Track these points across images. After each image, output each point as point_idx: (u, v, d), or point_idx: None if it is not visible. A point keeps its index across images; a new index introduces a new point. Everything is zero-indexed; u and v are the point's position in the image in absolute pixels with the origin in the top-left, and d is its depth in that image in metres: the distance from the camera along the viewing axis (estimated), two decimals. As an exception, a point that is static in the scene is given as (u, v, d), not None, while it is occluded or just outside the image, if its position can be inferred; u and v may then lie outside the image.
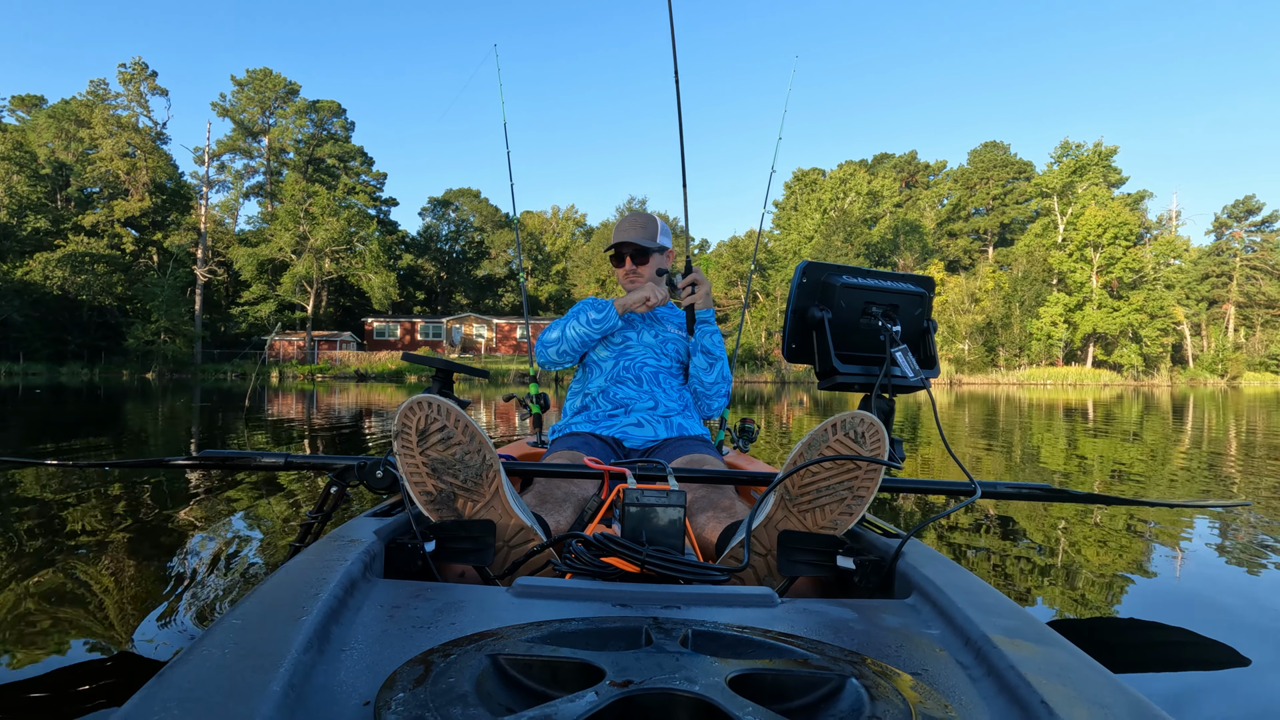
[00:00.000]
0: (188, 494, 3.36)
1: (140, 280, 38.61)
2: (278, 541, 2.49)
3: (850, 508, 1.12)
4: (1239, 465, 5.26)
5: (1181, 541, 2.74)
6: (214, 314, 44.95)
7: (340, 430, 7.63)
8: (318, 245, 41.02)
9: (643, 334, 2.10)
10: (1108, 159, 52.49)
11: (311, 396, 15.26)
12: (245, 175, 50.48)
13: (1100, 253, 48.27)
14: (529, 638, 0.69)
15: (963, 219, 61.51)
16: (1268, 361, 54.39)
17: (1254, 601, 1.99)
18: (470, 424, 1.12)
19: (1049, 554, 2.55)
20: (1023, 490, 1.54)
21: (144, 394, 15.05)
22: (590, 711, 0.52)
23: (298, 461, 1.52)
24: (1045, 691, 0.60)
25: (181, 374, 34.81)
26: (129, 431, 6.66)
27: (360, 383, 29.18)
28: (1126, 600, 2.04)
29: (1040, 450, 6.30)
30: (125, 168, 40.96)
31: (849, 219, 49.07)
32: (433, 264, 55.22)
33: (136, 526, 2.69)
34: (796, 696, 0.60)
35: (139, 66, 42.67)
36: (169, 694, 0.56)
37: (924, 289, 1.48)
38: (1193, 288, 55.35)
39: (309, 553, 0.95)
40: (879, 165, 63.30)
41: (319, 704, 0.59)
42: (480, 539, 1.12)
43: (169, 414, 9.30)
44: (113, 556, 2.28)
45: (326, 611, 0.73)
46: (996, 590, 0.91)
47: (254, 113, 48.44)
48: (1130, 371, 48.84)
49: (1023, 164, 60.24)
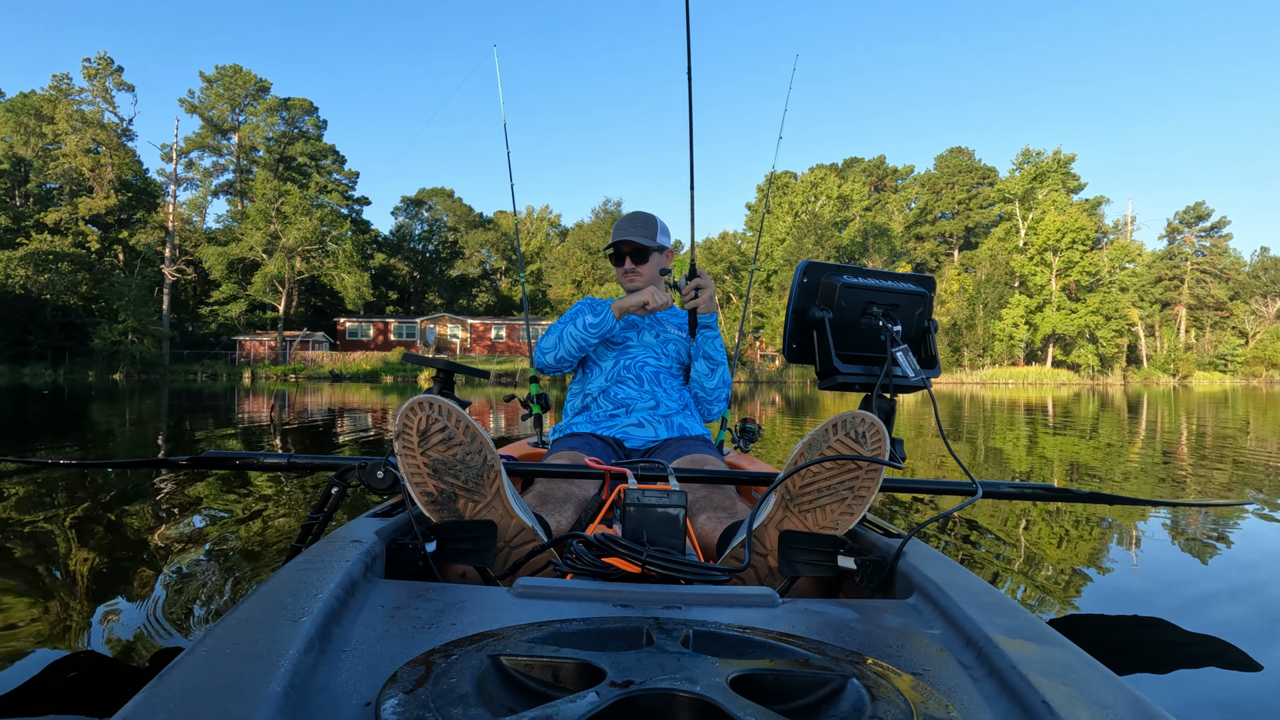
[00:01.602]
0: (187, 495, 3.33)
1: (106, 279, 37.84)
2: (278, 542, 2.49)
3: (851, 508, 1.12)
4: (1192, 462, 5.47)
5: (1183, 541, 2.73)
6: (182, 314, 44.25)
7: (337, 432, 7.72)
8: (290, 245, 40.65)
9: (643, 334, 2.09)
10: (1066, 166, 54.33)
11: (284, 397, 15.10)
12: (214, 173, 49.72)
13: (1059, 256, 50.06)
14: (530, 638, 0.69)
15: (929, 222, 63.04)
16: (1216, 361, 56.84)
17: (1258, 601, 1.99)
18: (471, 424, 1.12)
19: (1050, 553, 2.55)
20: (1025, 490, 1.54)
21: (112, 395, 14.73)
22: (591, 712, 0.52)
23: (300, 462, 1.53)
24: (1047, 691, 0.60)
25: (150, 375, 34.26)
26: (98, 434, 6.45)
27: (336, 383, 28.98)
28: (1127, 600, 2.04)
29: (1004, 449, 6.48)
30: (89, 164, 40.13)
31: (820, 222, 50.03)
32: (405, 263, 54.87)
33: (134, 528, 2.67)
34: (798, 697, 0.60)
35: (104, 61, 41.78)
36: (170, 695, 0.56)
37: (925, 289, 1.47)
38: (1146, 290, 57.33)
39: (310, 553, 0.96)
40: (849, 169, 64.52)
41: (320, 705, 0.59)
42: (481, 539, 1.12)
43: (136, 416, 9.04)
44: (111, 559, 2.27)
45: (327, 612, 0.74)
46: (997, 590, 0.92)
47: (223, 110, 47.74)
48: (1087, 371, 50.70)
49: (987, 169, 61.91)
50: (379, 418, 9.64)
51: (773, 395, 21.00)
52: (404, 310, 53.71)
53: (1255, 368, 55.01)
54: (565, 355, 2.00)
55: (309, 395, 16.37)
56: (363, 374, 35.82)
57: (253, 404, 12.28)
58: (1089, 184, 56.41)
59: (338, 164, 51.52)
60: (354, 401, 13.67)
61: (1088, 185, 58.34)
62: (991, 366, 49.37)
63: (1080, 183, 55.27)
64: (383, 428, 7.97)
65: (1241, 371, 55.68)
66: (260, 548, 2.43)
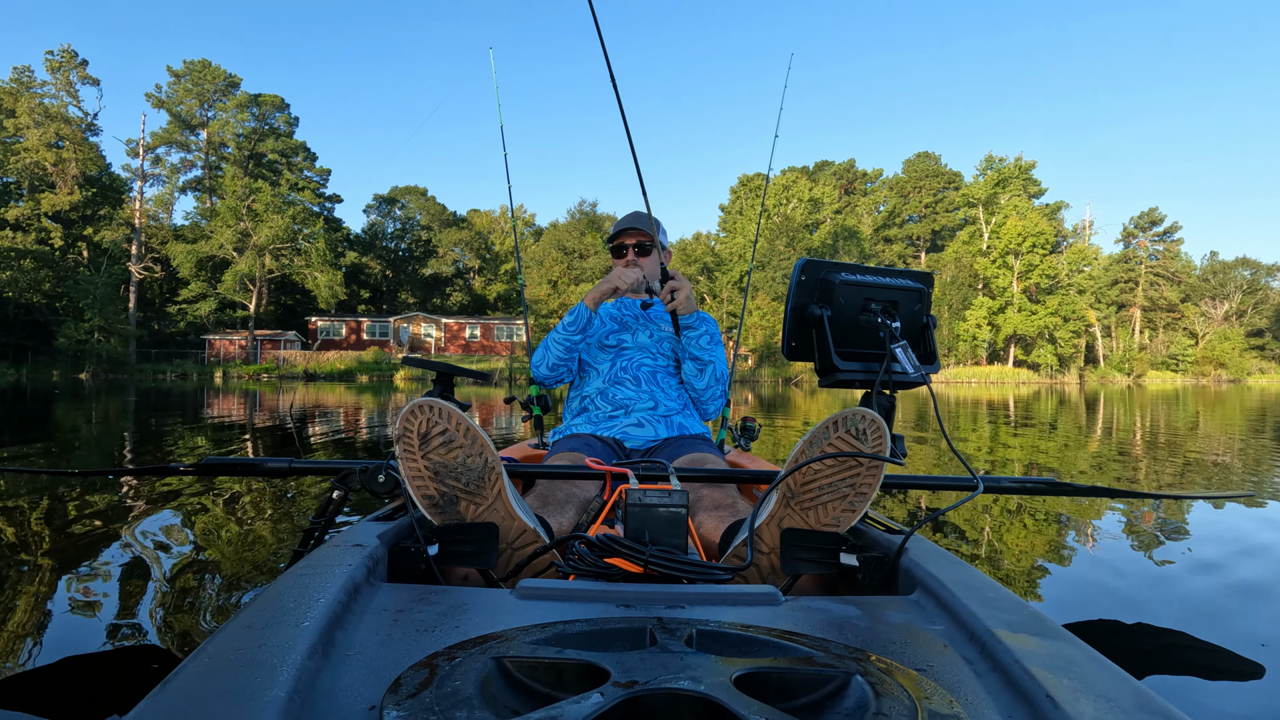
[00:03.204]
0: (189, 501, 3.31)
1: (71, 277, 37.07)
2: (280, 547, 2.48)
3: (853, 505, 1.12)
4: (1146, 454, 5.77)
5: (1183, 536, 2.73)
6: (148, 312, 43.47)
7: (335, 434, 7.77)
8: (261, 243, 40.22)
9: (638, 335, 2.09)
10: (1027, 172, 56.15)
11: (255, 397, 14.90)
12: (182, 169, 48.84)
13: (1020, 260, 51.77)
14: (533, 639, 0.69)
15: (897, 225, 64.52)
16: (1168, 361, 59.19)
17: (1260, 603, 1.99)
18: (472, 427, 1.12)
19: (1052, 548, 2.54)
20: (1026, 485, 1.53)
21: (78, 395, 14.43)
22: (596, 713, 0.52)
23: (302, 467, 1.53)
24: (1051, 685, 0.60)
25: (117, 374, 33.70)
26: (61, 437, 6.23)
27: (310, 382, 28.84)
28: (1128, 593, 2.04)
29: (969, 442, 6.67)
30: (52, 159, 39.22)
31: (791, 224, 50.93)
32: (378, 262, 54.44)
33: (136, 535, 2.65)
34: (802, 694, 0.60)
35: (68, 54, 40.85)
36: (174, 701, 0.56)
37: (923, 285, 1.45)
38: (1103, 293, 59.15)
39: (312, 558, 0.96)
40: (820, 172, 65.64)
41: (324, 709, 0.59)
42: (483, 541, 1.12)
43: (104, 417, 8.75)
44: (111, 565, 2.25)
45: (330, 616, 0.74)
46: (1000, 585, 0.91)
47: (191, 105, 46.92)
48: (1046, 370, 52.48)
49: (952, 174, 63.50)
50: (371, 416, 9.69)
51: (745, 394, 21.48)
52: (376, 309, 53.35)
53: (1204, 367, 57.51)
54: (556, 361, 2.03)
55: (284, 394, 16.32)
56: (338, 373, 35.67)
57: (232, 404, 12.04)
58: (1050, 189, 58.34)
59: (309, 161, 50.97)
60: (335, 401, 13.69)
61: (1048, 190, 60.41)
62: (955, 366, 50.85)
63: (1041, 188, 57.19)
64: (379, 427, 8.19)
65: (1192, 371, 58.08)
66: (263, 553, 2.42)
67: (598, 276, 46.47)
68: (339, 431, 7.58)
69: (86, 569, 2.22)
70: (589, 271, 47.19)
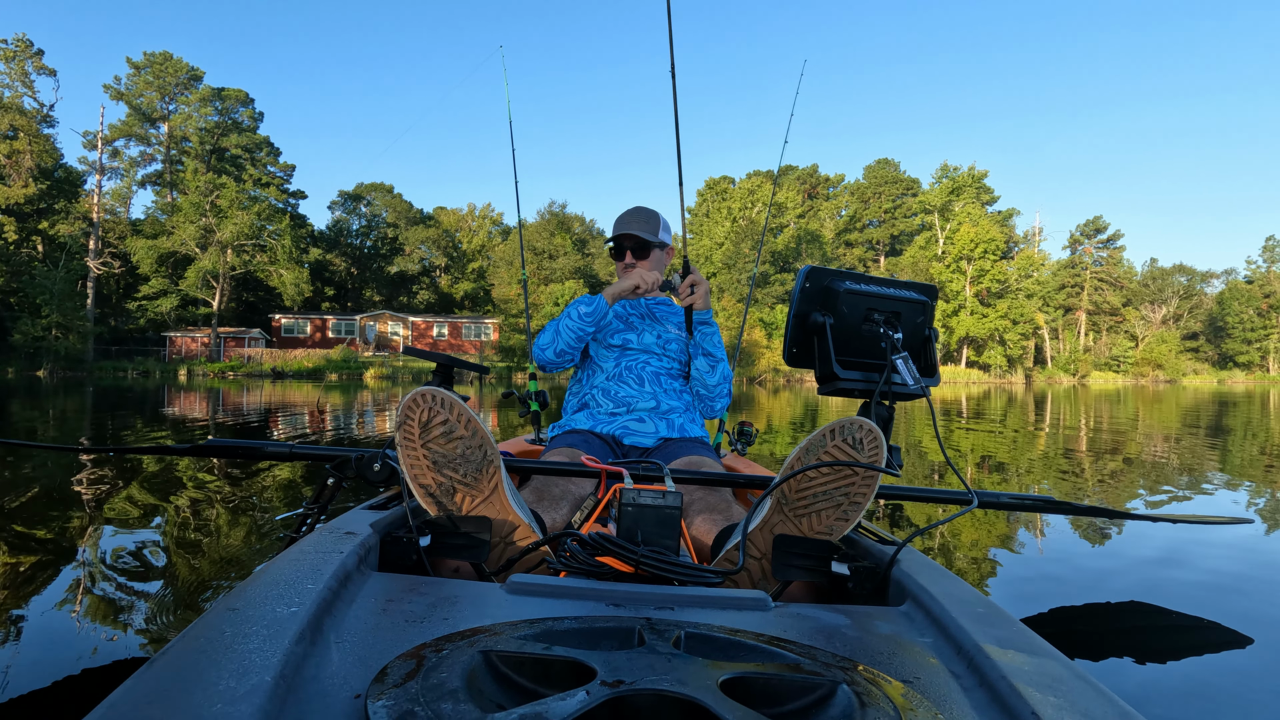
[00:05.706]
0: (183, 483, 3.29)
1: (26, 272, 36.15)
2: (274, 532, 2.45)
3: (846, 514, 1.11)
4: (1091, 457, 5.85)
5: (1178, 555, 2.73)
6: (106, 308, 42.51)
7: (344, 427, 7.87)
8: (226, 239, 39.75)
9: (643, 335, 2.07)
10: (980, 180, 58.39)
11: (218, 395, 14.73)
12: (141, 163, 47.79)
13: (973, 265, 53.95)
14: (521, 635, 0.68)
15: (858, 229, 66.24)
16: (1111, 362, 62.24)
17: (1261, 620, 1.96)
18: (473, 419, 1.12)
19: (1044, 564, 2.54)
20: (1024, 501, 1.53)
21: (35, 392, 14.25)
22: (580, 711, 0.52)
23: (302, 452, 1.53)
24: (1036, 703, 0.60)
25: (75, 372, 33.02)
26: (20, 434, 6.24)
27: (278, 380, 28.69)
28: (1123, 612, 2.04)
29: (921, 443, 6.71)
30: (6, 151, 38.15)
31: (756, 228, 52.12)
32: (343, 259, 53.89)
33: (127, 515, 2.63)
34: (788, 701, 0.60)
35: (22, 43, 39.70)
36: (157, 681, 0.55)
37: (927, 297, 1.45)
38: (1051, 297, 61.29)
39: (304, 544, 0.95)
40: (784, 176, 66.93)
41: (309, 695, 0.59)
42: (475, 535, 1.11)
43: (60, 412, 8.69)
44: (99, 545, 2.22)
45: (320, 603, 0.74)
46: (990, 600, 0.91)
47: (152, 98, 45.88)
48: (996, 371, 54.75)
49: (910, 181, 65.37)
50: (367, 412, 9.94)
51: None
52: (341, 307, 52.86)
53: (1144, 368, 60.54)
54: (564, 348, 1.99)
55: (259, 393, 16.15)
56: (305, 371, 35.45)
57: (193, 402, 11.86)
58: (1001, 197, 60.71)
59: (272, 156, 50.30)
60: (294, 399, 13.63)
61: (1001, 198, 62.80)
62: (912, 366, 52.53)
63: (994, 196, 59.44)
64: (371, 424, 8.52)
65: (1132, 371, 61.10)
66: (255, 538, 2.39)
67: (567, 276, 46.97)
68: (338, 430, 7.76)
69: (66, 553, 2.19)
70: (558, 272, 47.63)
